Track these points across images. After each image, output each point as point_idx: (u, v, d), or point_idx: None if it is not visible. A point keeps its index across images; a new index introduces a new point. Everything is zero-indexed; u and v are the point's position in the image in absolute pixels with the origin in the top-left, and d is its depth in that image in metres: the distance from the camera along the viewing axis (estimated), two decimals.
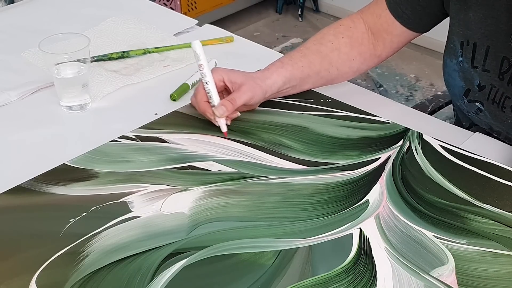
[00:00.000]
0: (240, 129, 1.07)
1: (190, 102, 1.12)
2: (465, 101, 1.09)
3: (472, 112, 1.10)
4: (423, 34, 1.16)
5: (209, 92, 1.04)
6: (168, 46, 1.31)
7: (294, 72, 1.10)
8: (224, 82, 1.06)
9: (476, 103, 1.08)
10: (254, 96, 1.05)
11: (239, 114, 1.07)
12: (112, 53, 1.26)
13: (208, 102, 1.05)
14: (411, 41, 1.20)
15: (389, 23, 1.14)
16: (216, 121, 1.04)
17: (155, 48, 1.30)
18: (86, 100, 1.14)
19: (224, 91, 1.08)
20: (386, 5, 1.14)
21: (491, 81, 1.04)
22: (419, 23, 1.13)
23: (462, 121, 1.17)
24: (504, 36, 1.00)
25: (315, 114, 1.10)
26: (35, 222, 0.89)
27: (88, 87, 1.14)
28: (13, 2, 1.73)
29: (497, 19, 1.00)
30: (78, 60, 1.11)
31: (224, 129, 1.04)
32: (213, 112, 1.03)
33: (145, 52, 1.28)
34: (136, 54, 1.27)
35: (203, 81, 1.04)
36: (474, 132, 1.09)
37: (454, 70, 1.09)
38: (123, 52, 1.27)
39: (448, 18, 1.10)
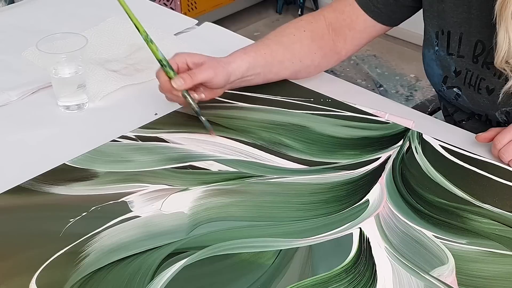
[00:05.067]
0: (240, 128, 1.07)
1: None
2: (444, 88, 1.13)
3: (452, 98, 1.13)
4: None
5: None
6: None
7: (257, 59, 1.11)
8: (187, 65, 1.05)
9: (454, 89, 1.11)
10: (215, 75, 1.04)
11: (203, 96, 1.06)
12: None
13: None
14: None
15: (352, 19, 1.15)
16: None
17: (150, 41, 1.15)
18: (84, 100, 1.14)
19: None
20: (355, 0, 1.15)
21: (466, 66, 1.07)
22: (391, 16, 1.15)
23: (447, 107, 1.20)
24: (477, 21, 1.03)
25: (315, 114, 1.10)
26: (35, 222, 0.89)
27: (86, 87, 1.14)
28: (13, 2, 1.73)
29: (468, 6, 1.04)
30: (76, 60, 1.11)
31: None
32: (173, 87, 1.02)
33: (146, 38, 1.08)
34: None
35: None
36: (465, 119, 1.13)
37: (432, 60, 1.13)
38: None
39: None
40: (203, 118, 1.05)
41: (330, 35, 1.17)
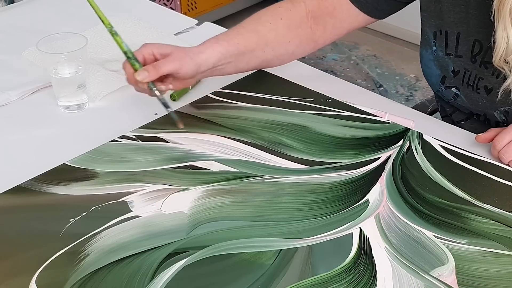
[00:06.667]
0: (240, 128, 1.07)
1: (188, 103, 1.13)
2: (443, 88, 1.13)
3: (451, 98, 1.13)
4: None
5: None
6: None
7: (229, 49, 1.09)
8: (154, 56, 1.04)
9: (453, 89, 1.11)
10: (182, 66, 1.02)
11: (170, 86, 1.05)
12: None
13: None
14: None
15: (335, 6, 1.13)
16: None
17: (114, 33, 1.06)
18: (84, 100, 1.14)
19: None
20: None
21: (464, 65, 1.07)
22: (377, 8, 1.13)
23: (445, 107, 1.20)
24: (475, 20, 1.03)
25: (315, 114, 1.10)
26: (35, 222, 0.89)
27: (86, 87, 1.14)
28: (13, 2, 1.73)
29: (466, 5, 1.03)
30: (76, 60, 1.11)
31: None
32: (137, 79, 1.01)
33: (111, 31, 1.05)
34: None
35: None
36: (464, 119, 1.14)
37: (429, 60, 1.13)
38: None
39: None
40: (169, 109, 1.03)
41: (308, 23, 1.15)
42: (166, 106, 1.03)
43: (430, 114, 1.32)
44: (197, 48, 1.07)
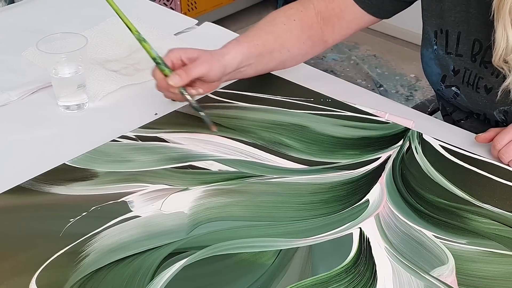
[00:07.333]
0: (240, 127, 1.07)
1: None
2: (443, 87, 1.13)
3: (451, 98, 1.13)
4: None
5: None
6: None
7: (250, 50, 1.10)
8: (182, 60, 1.05)
9: (453, 88, 1.11)
10: (211, 69, 1.04)
11: (200, 91, 1.06)
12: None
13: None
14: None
15: (342, 8, 1.15)
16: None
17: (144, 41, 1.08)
18: (84, 100, 1.14)
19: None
20: None
21: (464, 65, 1.08)
22: (381, 8, 1.14)
23: (446, 106, 1.20)
24: (475, 19, 1.03)
25: (315, 114, 1.10)
26: (35, 222, 0.89)
27: (86, 87, 1.14)
28: (13, 2, 1.73)
29: (466, 5, 1.04)
30: (76, 60, 1.11)
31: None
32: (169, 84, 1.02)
33: (139, 37, 1.06)
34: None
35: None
36: (465, 118, 1.14)
37: (430, 59, 1.13)
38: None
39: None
40: (202, 114, 1.05)
41: (319, 24, 1.16)
42: (198, 110, 1.04)
43: (430, 114, 1.33)
44: (220, 50, 1.08)
